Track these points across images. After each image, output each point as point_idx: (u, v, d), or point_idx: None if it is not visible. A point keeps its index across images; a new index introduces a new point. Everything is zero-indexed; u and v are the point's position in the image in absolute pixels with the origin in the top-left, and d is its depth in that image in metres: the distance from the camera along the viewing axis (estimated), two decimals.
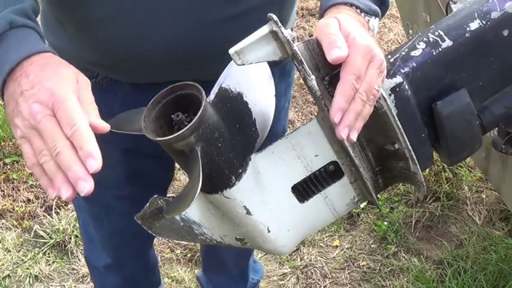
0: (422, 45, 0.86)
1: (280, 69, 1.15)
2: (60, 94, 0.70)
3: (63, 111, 0.70)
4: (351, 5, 0.85)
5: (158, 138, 0.73)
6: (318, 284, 1.98)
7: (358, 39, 0.76)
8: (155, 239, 2.08)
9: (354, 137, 0.77)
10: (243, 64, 0.76)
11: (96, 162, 0.68)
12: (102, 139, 1.09)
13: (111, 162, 1.18)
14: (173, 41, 0.94)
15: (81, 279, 2.00)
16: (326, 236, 2.12)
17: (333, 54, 0.75)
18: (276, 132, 1.22)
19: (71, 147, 0.68)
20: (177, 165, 1.34)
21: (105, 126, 0.72)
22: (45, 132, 0.69)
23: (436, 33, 0.86)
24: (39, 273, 2.01)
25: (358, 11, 0.85)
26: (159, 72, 0.99)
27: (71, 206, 2.17)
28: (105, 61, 1.01)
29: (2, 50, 0.75)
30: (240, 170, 0.81)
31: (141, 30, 0.94)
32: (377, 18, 0.88)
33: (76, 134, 0.68)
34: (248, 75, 0.85)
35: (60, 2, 0.97)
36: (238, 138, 0.81)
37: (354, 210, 2.13)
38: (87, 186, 0.68)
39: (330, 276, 2.00)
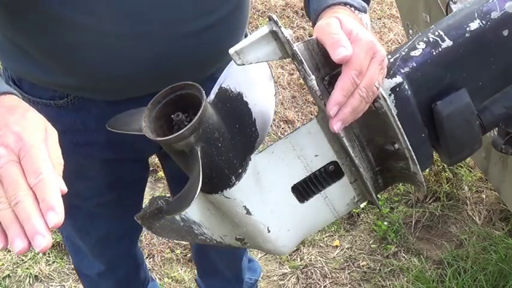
0: (422, 45, 0.86)
1: None
2: (29, 140, 0.67)
3: (30, 158, 0.66)
4: (345, 3, 0.85)
5: (158, 138, 0.73)
6: (318, 284, 1.98)
7: (361, 35, 0.77)
8: (155, 239, 2.08)
9: (339, 128, 0.78)
10: (243, 64, 0.76)
11: (57, 217, 0.63)
12: (81, 155, 1.08)
13: (92, 174, 1.19)
14: (151, 58, 0.94)
15: None
16: (326, 236, 2.12)
17: (339, 54, 0.75)
18: None
19: (32, 198, 0.64)
20: (156, 166, 1.33)
21: (64, 189, 0.66)
22: (6, 178, 0.65)
23: (436, 33, 0.86)
24: (39, 273, 2.01)
25: (352, 9, 0.85)
26: (138, 89, 0.98)
27: None
28: (79, 84, 0.99)
29: None
30: (240, 170, 0.81)
31: (116, 52, 0.93)
32: (367, 14, 0.88)
33: (40, 184, 0.64)
34: (248, 75, 0.85)
35: (28, 29, 0.93)
36: (238, 138, 0.81)
37: (354, 210, 2.13)
38: (44, 242, 0.62)
39: (330, 276, 2.00)
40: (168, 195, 1.71)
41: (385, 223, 2.12)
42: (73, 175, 0.84)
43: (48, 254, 2.06)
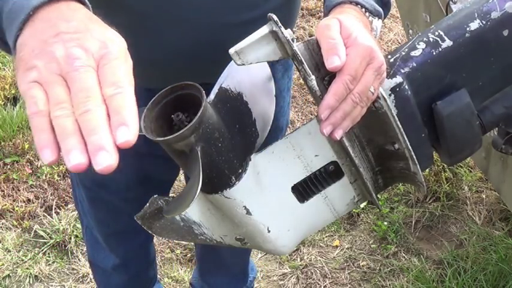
0: (422, 45, 0.86)
1: (283, 65, 1.15)
2: (114, 50, 0.58)
3: (112, 68, 0.57)
4: (356, 3, 0.84)
5: (158, 138, 0.73)
6: (318, 284, 1.98)
7: (359, 40, 0.76)
8: (155, 239, 2.08)
9: (338, 135, 0.77)
10: (243, 64, 0.76)
11: (129, 134, 0.54)
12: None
13: (123, 166, 1.18)
14: (192, 46, 0.94)
15: (81, 279, 2.00)
16: (326, 236, 2.12)
17: (331, 63, 0.74)
18: (281, 127, 1.22)
19: (105, 111, 0.54)
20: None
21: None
22: (78, 83, 0.55)
23: (436, 33, 0.86)
24: (39, 273, 2.01)
25: (363, 10, 0.84)
26: (178, 76, 0.97)
27: (71, 206, 2.17)
28: None
29: None
30: (240, 170, 0.81)
31: (157, 36, 0.93)
32: (380, 20, 0.87)
33: (118, 96, 0.55)
34: (248, 75, 0.85)
35: None
36: (238, 138, 0.81)
37: (354, 210, 2.13)
38: (108, 160, 0.53)
39: (330, 276, 2.00)
40: (170, 195, 1.71)
41: (385, 223, 2.12)
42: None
43: (48, 254, 2.06)
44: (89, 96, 0.55)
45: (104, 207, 1.28)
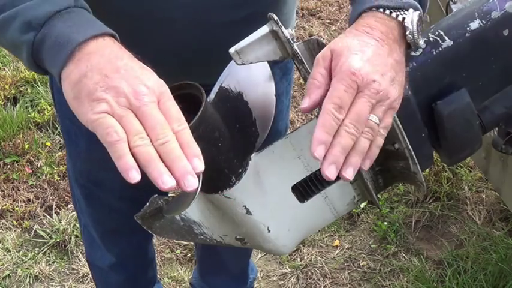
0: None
1: (281, 69, 1.15)
2: (167, 90, 0.66)
3: (173, 106, 0.65)
4: (377, 7, 0.76)
5: None
6: (318, 284, 1.98)
7: (344, 66, 0.70)
8: (155, 239, 2.08)
9: (349, 175, 0.70)
10: (243, 64, 0.76)
11: (201, 165, 0.64)
12: None
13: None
14: (179, 45, 0.94)
15: (81, 279, 2.00)
16: (326, 236, 2.12)
17: (302, 104, 0.71)
18: (280, 131, 1.22)
19: (177, 142, 0.64)
20: None
21: None
22: (152, 118, 0.63)
23: (436, 32, 0.86)
24: (39, 273, 2.01)
25: (388, 12, 0.76)
26: (168, 76, 0.98)
27: (70, 206, 2.17)
28: None
29: (68, 23, 0.69)
30: (240, 170, 0.81)
31: (143, 36, 0.93)
32: (416, 11, 0.77)
33: (185, 131, 0.64)
34: (248, 74, 0.85)
35: None
36: (238, 138, 0.81)
37: (354, 210, 2.13)
38: (195, 182, 0.63)
39: (330, 276, 2.00)
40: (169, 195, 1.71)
41: (385, 223, 2.12)
42: (99, 164, 0.81)
43: (48, 254, 2.06)
44: (165, 129, 0.63)
45: (98, 205, 1.28)
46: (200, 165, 0.64)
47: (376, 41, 0.74)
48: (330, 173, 0.68)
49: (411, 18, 0.76)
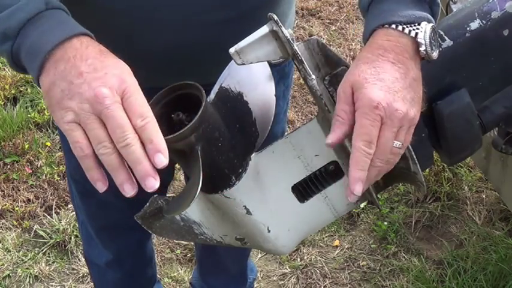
0: None
1: (278, 72, 1.15)
2: (131, 83, 0.67)
3: (136, 101, 0.66)
4: (390, 24, 0.76)
5: None
6: (318, 284, 1.98)
7: (367, 99, 0.71)
8: (155, 239, 2.08)
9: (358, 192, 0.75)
10: (243, 64, 0.76)
11: (164, 159, 0.65)
12: None
13: None
14: (167, 46, 0.94)
15: (81, 279, 2.00)
16: (326, 236, 2.12)
17: (327, 140, 0.75)
18: (276, 134, 1.21)
19: (139, 141, 0.65)
20: (177, 165, 1.36)
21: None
22: (113, 120, 0.65)
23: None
24: (39, 273, 2.01)
25: (400, 27, 0.75)
26: (156, 77, 0.98)
27: (71, 206, 2.17)
28: None
29: (39, 30, 0.71)
30: (240, 170, 0.81)
31: (129, 36, 0.93)
32: (429, 23, 0.76)
33: (147, 126, 0.65)
34: (248, 74, 0.85)
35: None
36: (238, 138, 0.81)
37: (354, 210, 2.13)
38: (156, 184, 0.66)
39: (330, 276, 2.00)
40: (169, 195, 1.71)
41: (385, 223, 2.12)
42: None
43: (48, 254, 2.06)
44: (125, 131, 0.65)
45: (94, 201, 1.28)
46: (163, 160, 0.65)
47: (392, 63, 0.74)
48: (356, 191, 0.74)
49: (424, 32, 0.76)
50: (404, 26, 0.75)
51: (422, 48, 0.76)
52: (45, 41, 0.69)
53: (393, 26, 0.75)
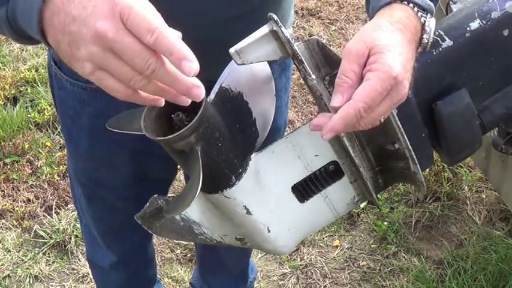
0: None
1: (280, 65, 1.15)
2: (125, 5, 0.61)
3: (136, 18, 0.60)
4: (408, 2, 0.76)
5: (158, 138, 0.73)
6: (318, 284, 1.98)
7: (388, 66, 0.69)
8: (155, 239, 2.08)
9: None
10: (243, 64, 0.76)
11: (193, 63, 0.60)
12: (111, 141, 1.09)
13: (119, 163, 1.19)
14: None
15: (81, 279, 2.00)
16: (326, 236, 2.12)
17: (331, 102, 0.72)
18: (279, 127, 1.22)
19: (161, 59, 0.61)
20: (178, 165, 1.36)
21: (180, 34, 0.63)
22: (126, 51, 0.60)
23: (437, 33, 0.86)
24: (39, 273, 2.01)
25: (416, 9, 0.76)
26: None
27: (70, 206, 2.17)
28: None
29: None
30: (240, 170, 0.81)
31: None
32: (433, 18, 0.78)
33: (160, 38, 0.60)
34: (248, 74, 0.85)
35: None
36: (238, 138, 0.81)
37: (354, 210, 2.13)
38: (202, 91, 0.63)
39: (330, 276, 2.00)
40: (169, 195, 1.71)
41: (385, 223, 2.12)
42: (101, 162, 0.80)
43: (48, 254, 2.06)
44: (143, 58, 0.60)
45: (100, 205, 1.28)
46: (193, 66, 0.60)
47: (408, 43, 0.74)
48: (327, 136, 0.72)
49: (430, 26, 0.77)
50: (419, 10, 0.76)
51: (425, 36, 0.77)
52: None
53: (411, 5, 0.76)
